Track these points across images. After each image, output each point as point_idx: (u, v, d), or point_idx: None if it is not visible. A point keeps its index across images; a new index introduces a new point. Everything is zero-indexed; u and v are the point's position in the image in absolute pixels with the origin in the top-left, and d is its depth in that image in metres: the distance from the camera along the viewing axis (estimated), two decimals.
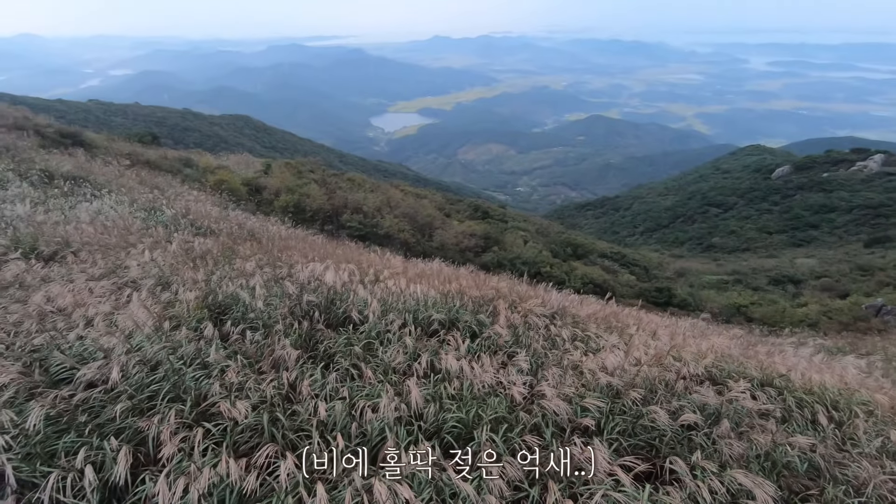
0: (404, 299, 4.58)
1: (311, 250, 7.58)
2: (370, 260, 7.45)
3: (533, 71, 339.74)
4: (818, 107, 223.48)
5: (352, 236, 13.65)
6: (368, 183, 23.14)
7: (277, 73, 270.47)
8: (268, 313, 4.01)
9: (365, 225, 14.82)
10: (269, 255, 6.46)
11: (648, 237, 49.25)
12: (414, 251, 13.36)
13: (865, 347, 9.71)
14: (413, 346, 3.57)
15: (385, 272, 5.69)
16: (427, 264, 8.59)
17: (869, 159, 46.05)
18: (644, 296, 15.90)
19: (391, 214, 16.25)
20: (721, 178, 56.46)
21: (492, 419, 2.75)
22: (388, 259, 7.81)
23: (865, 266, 23.02)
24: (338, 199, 15.98)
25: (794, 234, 38.44)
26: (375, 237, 14.28)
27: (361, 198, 16.88)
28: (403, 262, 8.02)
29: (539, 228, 26.90)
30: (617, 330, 4.74)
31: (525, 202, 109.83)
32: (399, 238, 14.92)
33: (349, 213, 15.10)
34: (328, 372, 3.16)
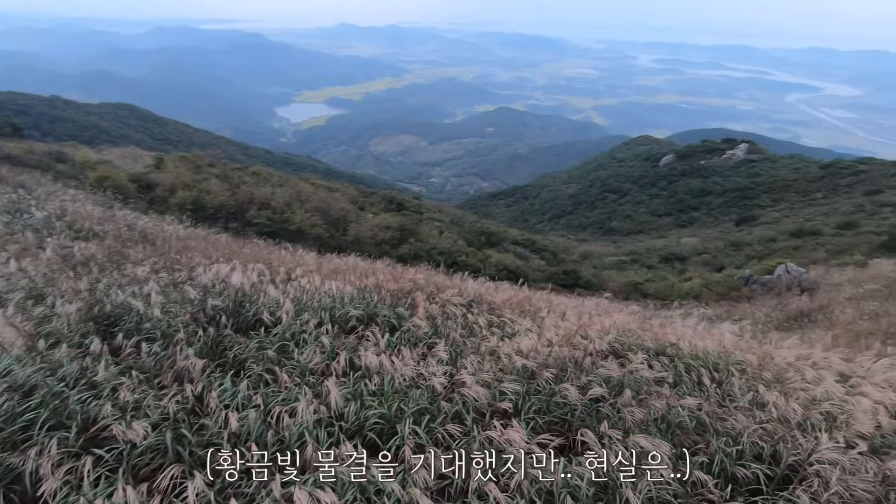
0: (319, 297, 4.44)
1: (215, 250, 7.07)
2: (281, 258, 7.12)
3: (441, 62, 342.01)
4: (694, 101, 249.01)
5: (260, 233, 12.93)
6: (276, 177, 22.02)
7: (166, 56, 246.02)
8: (167, 322, 3.68)
9: (274, 221, 14.12)
10: (165, 259, 5.93)
11: (555, 223, 52.12)
12: (328, 246, 12.98)
13: (738, 314, 11.10)
14: (331, 345, 3.47)
15: (298, 270, 5.47)
16: (342, 259, 8.39)
17: (736, 148, 52.30)
18: (553, 279, 16.83)
19: (302, 209, 15.63)
20: (617, 167, 61.09)
21: (414, 412, 2.76)
22: (301, 256, 7.52)
23: (736, 242, 26.22)
24: (242, 195, 15.03)
25: (679, 216, 42.75)
26: (286, 233, 13.66)
27: (269, 192, 16.03)
28: (317, 259, 7.77)
29: (454, 219, 27.37)
30: (530, 314, 4.97)
31: (439, 193, 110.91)
32: (312, 233, 14.40)
33: (256, 209, 14.28)
34: (239, 380, 2.98)
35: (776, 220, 32.79)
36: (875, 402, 3.16)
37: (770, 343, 5.32)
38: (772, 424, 2.82)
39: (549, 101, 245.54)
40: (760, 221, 33.66)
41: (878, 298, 10.60)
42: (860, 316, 9.14)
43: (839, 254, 18.08)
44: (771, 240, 24.84)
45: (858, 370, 4.08)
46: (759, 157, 50.19)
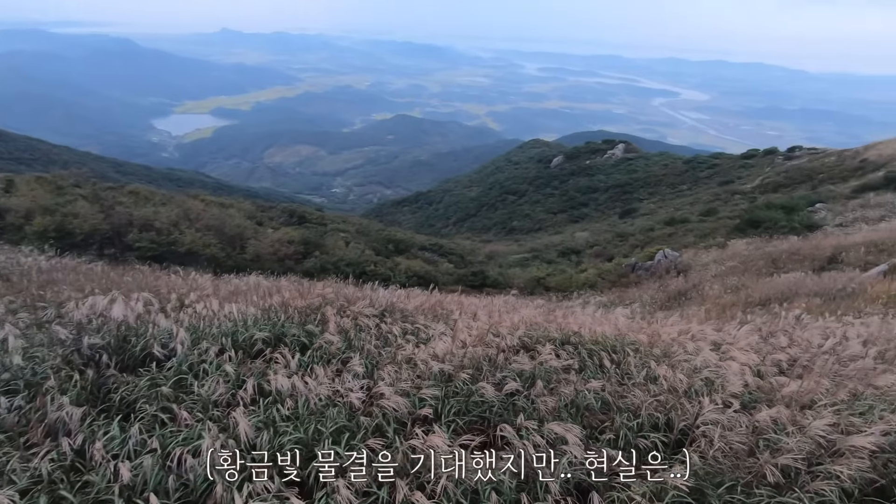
0: (219, 322, 4.12)
1: (89, 282, 6.27)
2: (171, 283, 6.50)
3: (334, 70, 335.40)
4: (576, 106, 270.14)
5: (143, 258, 11.68)
6: (158, 195, 20.06)
7: (13, 63, 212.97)
8: (31, 369, 3.18)
9: (159, 244, 12.83)
10: (24, 296, 5.13)
11: (460, 226, 53.47)
12: (225, 267, 12.09)
13: (629, 298, 12.21)
14: (235, 373, 3.23)
15: (192, 295, 5.02)
16: (242, 279, 7.88)
17: (615, 148, 57.61)
18: (462, 281, 17.23)
19: (192, 229, 14.38)
20: (513, 169, 64.25)
21: (333, 431, 2.67)
22: (195, 279, 6.92)
23: (621, 233, 28.82)
24: (119, 217, 13.48)
25: (572, 213, 46.02)
26: (175, 256, 12.48)
27: (151, 212, 14.55)
28: (213, 281, 7.21)
29: (359, 228, 26.92)
30: (443, 317, 5.04)
31: (342, 203, 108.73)
32: (205, 254, 13.32)
33: (137, 232, 12.88)
34: (129, 424, 2.66)
35: (652, 211, 36.58)
36: (742, 364, 3.65)
37: (657, 322, 5.92)
38: (664, 396, 3.13)
39: (445, 108, 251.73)
40: (640, 213, 37.33)
41: (737, 273, 12.26)
42: (724, 290, 10.50)
43: (704, 237, 20.62)
44: (650, 229, 27.63)
45: (727, 338, 4.68)
46: (634, 155, 55.71)
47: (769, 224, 18.15)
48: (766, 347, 4.46)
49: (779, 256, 12.96)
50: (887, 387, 3.22)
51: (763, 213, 19.90)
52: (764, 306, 8.24)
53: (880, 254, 10.99)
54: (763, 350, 4.31)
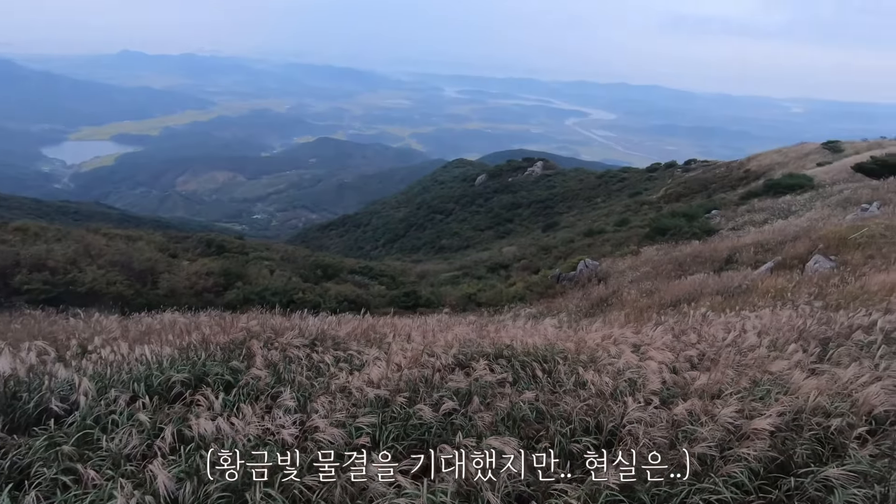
0: (130, 367, 3.78)
1: None
2: (71, 328, 5.87)
3: (251, 93, 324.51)
4: (497, 126, 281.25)
5: (36, 302, 10.45)
6: (52, 230, 18.10)
7: None
8: None
9: (55, 284, 11.55)
10: None
11: (390, 248, 53.20)
12: (135, 305, 11.12)
13: (555, 308, 12.73)
14: (151, 421, 2.97)
15: (96, 339, 4.57)
16: (156, 317, 7.30)
17: (534, 165, 60.50)
18: (395, 303, 17.07)
19: (94, 266, 13.11)
20: (439, 189, 65.28)
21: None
22: (99, 322, 6.30)
23: (545, 246, 30.09)
24: (3, 257, 12.00)
25: (498, 229, 47.44)
26: (75, 297, 11.28)
27: (43, 250, 13.09)
28: (122, 322, 6.61)
29: (285, 255, 25.91)
30: (376, 342, 4.97)
31: (265, 230, 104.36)
32: (110, 293, 12.17)
33: (26, 273, 11.52)
34: (23, 493, 2.35)
35: (572, 223, 38.64)
36: (659, 362, 3.93)
37: (582, 329, 6.22)
38: (592, 400, 3.29)
39: (369, 131, 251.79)
40: (561, 226, 39.28)
41: (650, 278, 13.22)
42: (640, 294, 11.28)
43: (620, 246, 22.08)
44: (570, 241, 29.12)
45: (645, 339, 5.02)
46: (552, 171, 58.80)
47: (674, 231, 19.82)
48: (679, 345, 4.83)
49: (684, 260, 14.16)
50: (780, 371, 3.60)
51: (668, 221, 21.70)
52: (675, 307, 8.94)
53: (766, 253, 12.36)
54: (676, 348, 4.67)
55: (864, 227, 11.10)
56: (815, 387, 3.13)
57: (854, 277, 8.06)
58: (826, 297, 7.28)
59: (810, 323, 5.18)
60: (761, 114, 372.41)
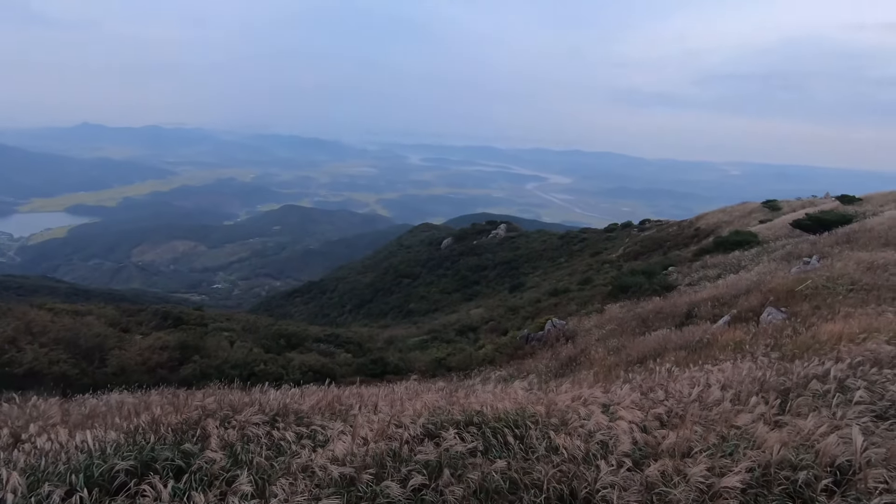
0: (68, 456, 3.45)
1: None
2: (3, 415, 5.36)
3: (216, 163, 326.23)
4: (460, 191, 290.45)
5: None
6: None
7: None
8: None
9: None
10: None
11: (357, 313, 52.23)
12: (80, 386, 10.33)
13: (525, 369, 12.61)
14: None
15: (31, 427, 4.19)
16: (102, 398, 6.78)
17: (498, 228, 62.11)
18: (362, 371, 16.53)
19: (35, 344, 12.22)
20: (406, 253, 65.66)
21: None
22: (36, 406, 5.79)
23: (512, 307, 30.28)
24: None
25: (465, 291, 47.60)
26: (11, 380, 10.39)
27: None
28: (62, 405, 6.10)
29: (246, 325, 24.95)
30: (341, 414, 4.75)
31: (226, 299, 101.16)
32: (52, 373, 11.28)
33: None
34: None
35: (538, 283, 39.27)
36: (629, 422, 3.91)
37: (553, 391, 6.16)
38: (565, 465, 3.21)
39: (335, 198, 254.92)
40: (527, 287, 39.82)
41: (616, 335, 13.40)
42: (608, 352, 11.36)
43: (585, 304, 22.47)
44: (537, 301, 29.45)
45: (614, 398, 5.01)
46: (516, 233, 60.42)
47: (636, 288, 20.41)
48: (648, 402, 4.84)
49: (647, 316, 14.49)
50: (745, 425, 3.65)
51: (629, 278, 22.38)
52: (642, 363, 9.03)
53: (723, 306, 12.82)
54: (645, 405, 4.67)
55: (808, 280, 11.76)
56: (779, 440, 3.17)
57: (805, 328, 8.42)
58: (782, 348, 7.54)
59: (769, 374, 5.32)
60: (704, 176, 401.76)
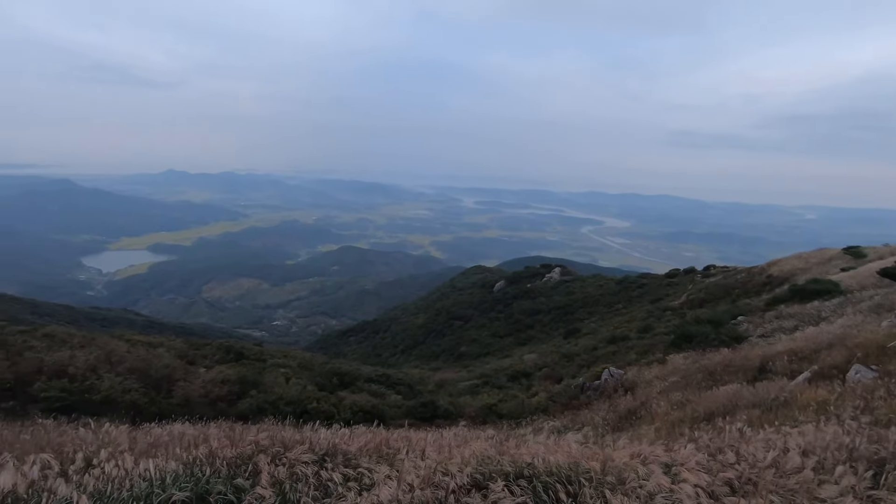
0: (132, 483, 3.62)
1: None
2: (78, 440, 5.74)
3: (281, 206, 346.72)
4: (513, 234, 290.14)
5: (50, 410, 10.34)
6: (78, 337, 18.46)
7: None
8: None
9: (71, 392, 11.50)
10: None
11: (409, 354, 52.24)
12: (148, 414, 10.90)
13: (580, 420, 11.98)
14: None
15: (102, 452, 4.44)
16: (166, 428, 7.11)
17: (552, 271, 61.00)
18: (412, 414, 16.35)
19: (112, 372, 13.13)
20: (458, 295, 65.61)
21: None
22: (108, 432, 6.16)
23: (567, 353, 29.19)
24: (27, 364, 12.15)
25: (518, 336, 46.57)
26: (89, 406, 11.16)
27: (66, 357, 13.25)
28: (131, 433, 6.45)
29: (302, 362, 25.59)
30: (388, 458, 4.71)
31: (284, 336, 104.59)
32: (125, 401, 12.01)
33: (45, 380, 11.56)
34: None
35: (594, 330, 37.80)
36: (694, 485, 3.60)
37: (609, 446, 5.80)
38: None
39: (391, 239, 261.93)
40: (583, 333, 38.41)
41: (680, 388, 12.53)
42: (671, 407, 10.61)
43: (645, 354, 21.28)
44: (593, 348, 28.26)
45: (678, 458, 4.64)
46: (570, 277, 59.04)
47: (701, 338, 19.15)
48: (716, 465, 4.44)
49: (714, 369, 13.49)
50: (830, 499, 3.25)
51: (694, 327, 21.07)
52: (709, 421, 8.35)
53: (801, 362, 11.72)
54: (713, 468, 4.29)
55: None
56: None
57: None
58: (874, 412, 6.73)
59: (860, 441, 4.75)
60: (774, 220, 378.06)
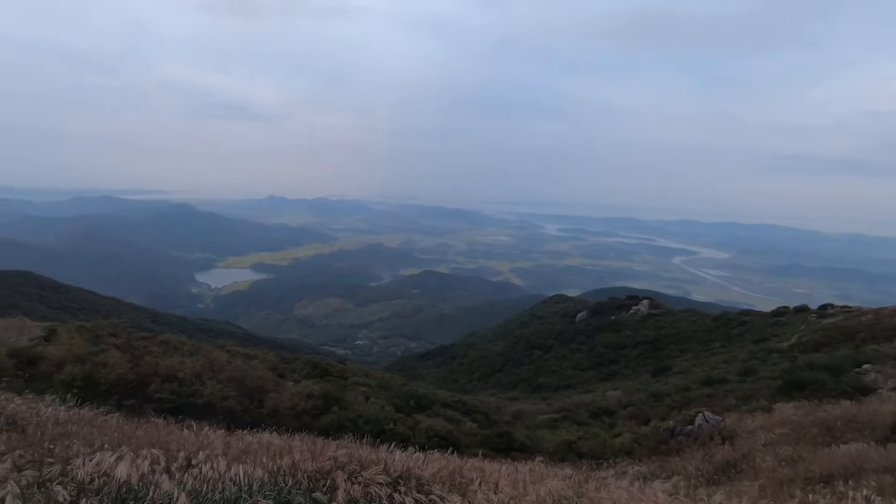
0: (223, 486, 3.89)
1: (102, 435, 6.13)
2: (182, 440, 6.29)
3: (368, 230, 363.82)
4: (598, 263, 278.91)
5: (161, 410, 11.47)
6: (187, 345, 20.47)
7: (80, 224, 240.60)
8: None
9: (180, 395, 12.70)
10: (35, 450, 5.02)
11: (485, 382, 51.55)
12: (241, 422, 11.71)
13: (670, 468, 10.99)
14: None
15: (200, 454, 4.83)
16: (255, 436, 7.59)
17: (640, 304, 57.56)
18: (487, 443, 16.00)
19: (214, 380, 14.33)
20: (538, 324, 64.00)
21: None
22: (206, 436, 6.70)
23: (656, 393, 27.11)
24: (145, 367, 13.64)
25: (601, 370, 44.20)
26: (192, 409, 12.24)
27: (177, 363, 14.70)
28: (225, 437, 6.96)
29: (381, 382, 26.23)
30: (461, 487, 4.63)
31: (366, 355, 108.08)
32: (222, 407, 13.02)
33: (159, 383, 12.89)
34: None
35: (686, 369, 34.86)
36: None
37: (703, 500, 5.26)
38: None
39: (471, 265, 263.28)
40: (674, 371, 35.58)
41: (789, 442, 11.09)
42: (779, 463, 9.41)
43: (747, 399, 19.16)
44: (686, 389, 26.01)
45: None
46: (660, 311, 55.27)
47: (816, 386, 16.89)
48: None
49: (833, 424, 11.79)
50: None
51: (807, 374, 18.67)
52: (827, 483, 7.27)
53: None
54: None
55: None
56: None
57: None
58: None
59: None
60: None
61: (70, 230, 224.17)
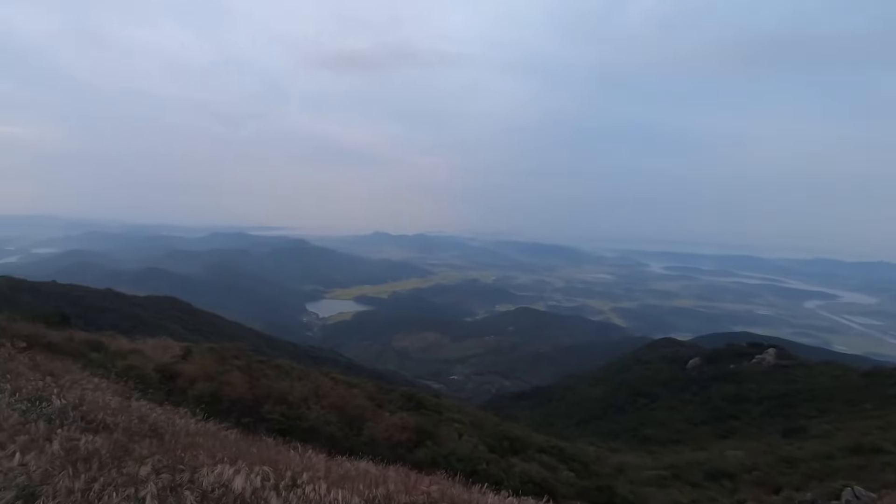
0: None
1: (222, 448, 6.75)
2: (289, 460, 6.70)
3: (464, 266, 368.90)
4: (713, 305, 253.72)
5: (271, 430, 12.37)
6: (297, 370, 22.02)
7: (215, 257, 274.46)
8: None
9: (288, 417, 13.61)
10: (170, 456, 5.66)
11: (584, 428, 48.45)
12: (340, 447, 12.18)
13: None
14: None
15: (304, 475, 5.10)
16: (353, 464, 7.84)
17: (766, 353, 50.99)
18: (585, 495, 14.93)
19: (319, 405, 15.18)
20: (643, 369, 59.32)
21: None
22: (310, 458, 7.07)
23: (788, 458, 23.49)
24: (261, 389, 14.88)
25: (718, 426, 39.42)
26: (298, 431, 13.02)
27: (287, 386, 15.84)
28: (326, 462, 7.28)
29: (474, 420, 25.85)
30: None
31: (459, 391, 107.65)
32: (325, 432, 13.69)
33: (272, 404, 13.95)
34: None
35: (827, 433, 29.86)
36: None
37: None
38: None
39: (569, 303, 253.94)
40: (810, 434, 30.67)
41: None
42: None
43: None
44: (828, 457, 22.25)
45: None
46: (791, 362, 48.49)
47: None
48: None
49: None
50: None
51: None
52: None
53: None
54: None
55: None
56: None
57: None
58: None
59: None
60: None
61: (207, 261, 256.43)
